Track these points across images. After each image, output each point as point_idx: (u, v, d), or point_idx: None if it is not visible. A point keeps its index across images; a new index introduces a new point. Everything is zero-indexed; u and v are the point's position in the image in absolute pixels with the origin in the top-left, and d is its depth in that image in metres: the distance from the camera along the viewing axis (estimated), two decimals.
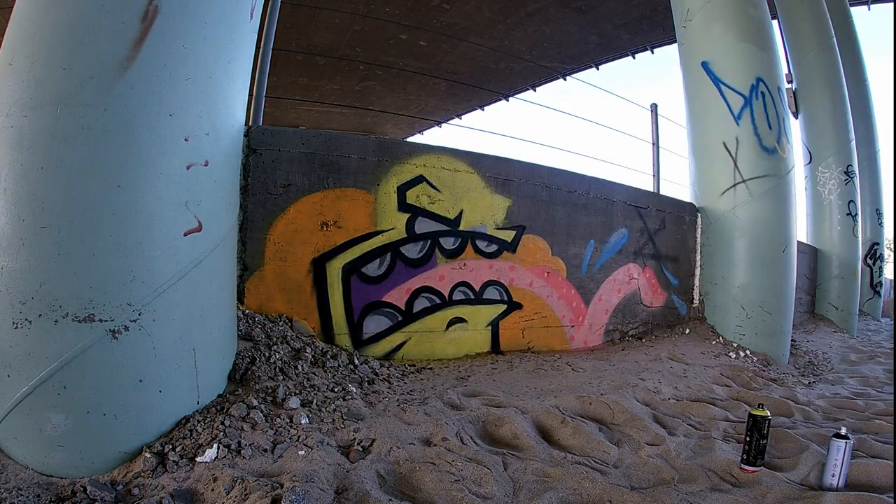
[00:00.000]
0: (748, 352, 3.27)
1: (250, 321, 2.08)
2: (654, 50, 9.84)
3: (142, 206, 1.25)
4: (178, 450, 1.24)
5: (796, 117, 6.19)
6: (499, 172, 2.90)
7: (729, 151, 3.53)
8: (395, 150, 2.61)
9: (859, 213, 6.13)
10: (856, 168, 6.04)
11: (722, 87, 3.55)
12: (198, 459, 1.21)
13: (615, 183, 3.59)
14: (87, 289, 1.18)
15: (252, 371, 1.73)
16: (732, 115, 3.51)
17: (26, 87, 1.20)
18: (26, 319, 1.15)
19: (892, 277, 11.32)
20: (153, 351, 1.27)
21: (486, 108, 13.19)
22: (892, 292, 9.98)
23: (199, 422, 1.34)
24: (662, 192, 5.04)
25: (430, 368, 2.44)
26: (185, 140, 1.35)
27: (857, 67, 7.47)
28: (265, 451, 1.28)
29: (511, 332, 2.94)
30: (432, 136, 16.77)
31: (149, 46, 1.27)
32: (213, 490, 1.12)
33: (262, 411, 1.45)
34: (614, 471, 1.32)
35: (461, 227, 2.75)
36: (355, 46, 9.56)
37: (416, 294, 2.61)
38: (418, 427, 1.52)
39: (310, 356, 2.02)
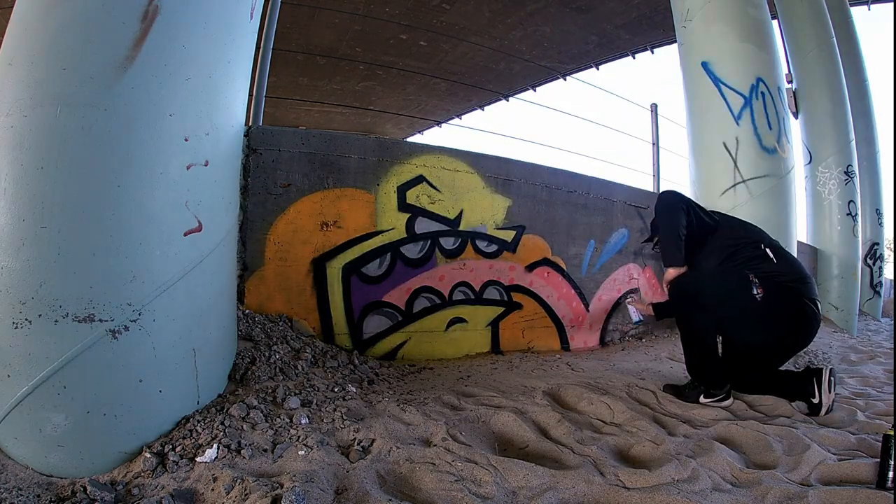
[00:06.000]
0: None
1: (250, 321, 2.08)
2: (654, 50, 9.85)
3: (142, 206, 1.25)
4: (178, 450, 1.24)
5: (796, 117, 6.18)
6: (499, 172, 2.90)
7: (729, 151, 3.53)
8: (395, 150, 2.61)
9: (859, 213, 6.13)
10: (856, 168, 6.03)
11: (722, 87, 3.55)
12: (198, 459, 1.21)
13: (615, 183, 3.59)
14: (87, 289, 1.18)
15: (252, 371, 1.73)
16: (732, 115, 3.51)
17: (26, 87, 1.20)
18: (26, 319, 1.15)
19: (892, 277, 11.32)
20: (153, 351, 1.27)
21: (486, 108, 13.19)
22: (892, 292, 9.97)
23: (199, 422, 1.34)
24: None
25: (431, 369, 2.44)
26: (185, 140, 1.35)
27: (857, 67, 7.46)
28: (265, 451, 1.28)
29: (511, 333, 2.94)
30: (432, 136, 16.79)
31: (149, 46, 1.27)
32: (213, 490, 1.12)
33: (262, 411, 1.45)
34: (614, 471, 1.32)
35: (461, 227, 2.75)
36: (355, 46, 9.57)
37: (416, 294, 2.61)
38: (418, 427, 1.52)
39: (310, 356, 2.02)
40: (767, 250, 1.99)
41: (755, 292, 1.90)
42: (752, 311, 1.92)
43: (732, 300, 1.96)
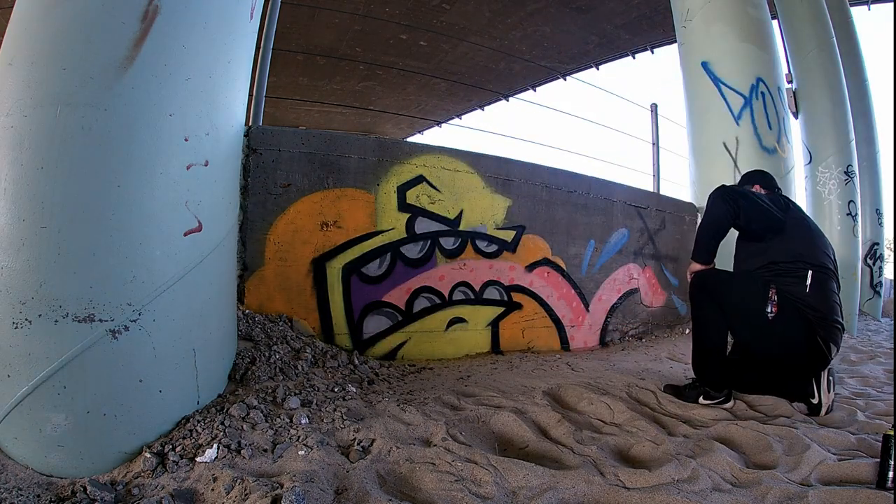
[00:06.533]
0: None
1: (250, 321, 2.08)
2: (654, 50, 9.86)
3: (142, 206, 1.25)
4: (177, 450, 1.24)
5: (796, 117, 6.18)
6: (499, 172, 2.90)
7: (729, 151, 3.53)
8: (395, 150, 2.61)
9: (859, 213, 6.12)
10: (856, 168, 6.02)
11: (722, 87, 3.56)
12: (198, 459, 1.21)
13: (615, 183, 3.59)
14: (87, 289, 1.18)
15: (252, 371, 1.73)
16: (732, 115, 3.51)
17: (26, 87, 1.20)
18: (26, 319, 1.15)
19: (892, 277, 11.32)
20: (153, 351, 1.27)
21: (486, 108, 13.21)
22: (892, 292, 9.97)
23: (199, 422, 1.34)
24: (662, 192, 5.04)
25: (431, 369, 2.44)
26: (186, 140, 1.35)
27: (857, 67, 7.45)
28: (265, 451, 1.28)
29: (511, 333, 2.94)
30: (432, 136, 16.80)
31: (149, 46, 1.27)
32: (213, 490, 1.12)
33: (262, 411, 1.45)
34: (614, 471, 1.32)
35: (461, 227, 2.75)
36: (355, 46, 9.58)
37: (416, 294, 2.61)
38: (418, 427, 1.52)
39: (310, 356, 2.02)
40: (809, 273, 1.88)
41: (769, 309, 1.86)
42: (756, 323, 1.91)
43: (745, 304, 1.94)
